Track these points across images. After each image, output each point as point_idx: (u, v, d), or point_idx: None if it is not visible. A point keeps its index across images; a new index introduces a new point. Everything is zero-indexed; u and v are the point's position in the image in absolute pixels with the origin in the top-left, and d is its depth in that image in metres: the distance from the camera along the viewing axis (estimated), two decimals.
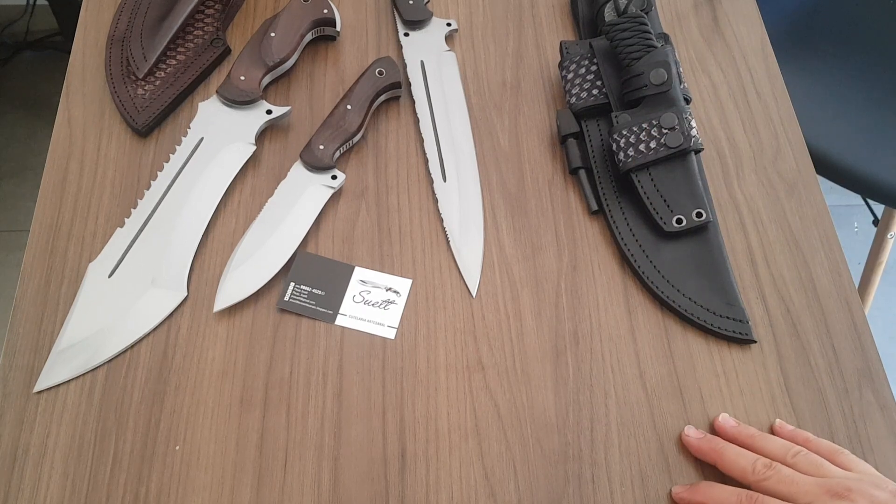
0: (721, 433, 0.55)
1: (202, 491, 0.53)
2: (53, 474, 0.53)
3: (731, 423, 0.55)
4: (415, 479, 0.54)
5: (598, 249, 0.64)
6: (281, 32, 0.69)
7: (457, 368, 0.58)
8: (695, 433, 0.55)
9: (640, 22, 0.67)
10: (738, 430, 0.54)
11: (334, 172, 0.64)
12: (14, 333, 0.58)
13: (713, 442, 0.53)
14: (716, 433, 0.55)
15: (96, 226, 0.63)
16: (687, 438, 0.55)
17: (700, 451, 0.54)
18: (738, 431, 0.54)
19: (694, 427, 0.55)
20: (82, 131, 0.68)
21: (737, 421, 0.55)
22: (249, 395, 0.56)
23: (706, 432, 0.55)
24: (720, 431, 0.55)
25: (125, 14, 0.72)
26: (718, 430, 0.55)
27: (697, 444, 0.54)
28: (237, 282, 0.60)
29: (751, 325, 0.60)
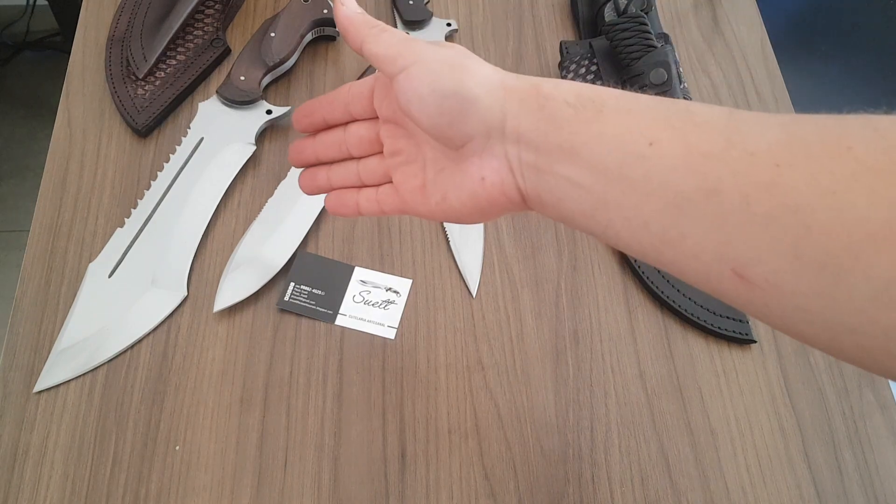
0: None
1: (202, 491, 0.53)
2: (53, 474, 0.53)
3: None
4: (415, 479, 0.54)
5: (598, 249, 0.64)
6: (281, 32, 0.69)
7: (457, 368, 0.58)
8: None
9: (640, 22, 0.67)
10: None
11: None
12: (14, 333, 0.58)
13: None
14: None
15: (96, 226, 0.63)
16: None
17: (352, 20, 0.41)
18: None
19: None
20: (82, 131, 0.67)
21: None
22: (249, 395, 0.56)
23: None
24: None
25: (125, 14, 0.72)
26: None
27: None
28: (237, 282, 0.60)
29: (751, 324, 0.60)
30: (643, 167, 0.32)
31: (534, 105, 0.35)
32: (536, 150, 0.35)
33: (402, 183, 0.43)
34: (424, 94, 0.36)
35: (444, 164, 0.39)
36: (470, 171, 0.38)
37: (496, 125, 0.36)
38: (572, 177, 0.34)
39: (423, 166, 0.41)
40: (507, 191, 0.37)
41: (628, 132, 0.33)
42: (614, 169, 0.33)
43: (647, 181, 0.32)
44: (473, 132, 0.37)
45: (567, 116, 0.34)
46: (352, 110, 0.44)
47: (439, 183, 0.40)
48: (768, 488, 0.54)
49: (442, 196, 0.40)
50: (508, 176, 0.37)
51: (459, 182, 0.39)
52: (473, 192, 0.38)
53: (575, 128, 0.34)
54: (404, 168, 0.42)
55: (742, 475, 0.55)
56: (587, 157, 0.33)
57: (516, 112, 0.36)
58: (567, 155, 0.34)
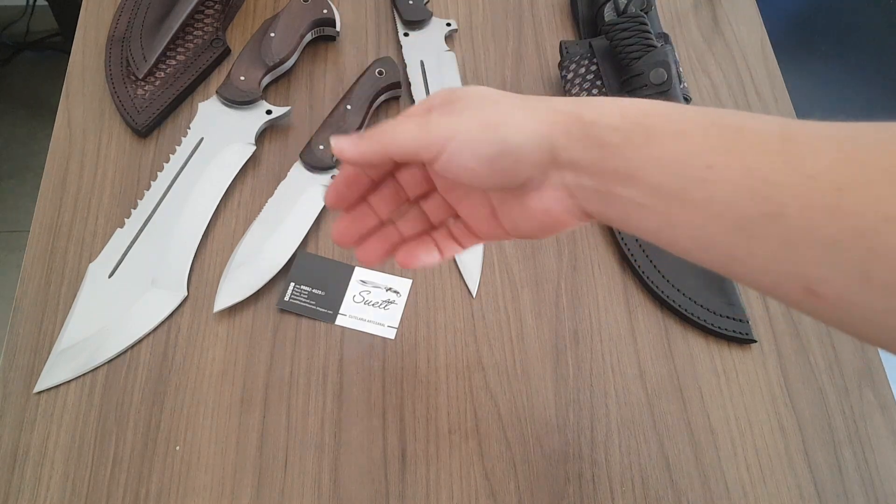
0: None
1: (202, 491, 0.53)
2: (53, 475, 0.53)
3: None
4: (415, 479, 0.54)
5: (598, 249, 0.64)
6: (281, 32, 0.69)
7: (457, 368, 0.58)
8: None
9: (639, 22, 0.67)
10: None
11: (334, 172, 0.64)
12: (14, 333, 0.58)
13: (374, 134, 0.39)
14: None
15: (96, 226, 0.63)
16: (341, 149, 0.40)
17: (364, 151, 0.39)
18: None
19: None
20: (82, 131, 0.67)
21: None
22: (249, 395, 0.56)
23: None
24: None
25: (125, 14, 0.72)
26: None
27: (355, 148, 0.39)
28: (237, 282, 0.60)
29: (751, 324, 0.60)
30: (704, 190, 0.32)
31: (579, 134, 0.35)
32: (592, 175, 0.35)
33: (471, 215, 0.43)
34: (471, 166, 0.36)
35: (506, 198, 0.40)
36: (533, 206, 0.38)
37: (548, 161, 0.36)
38: (634, 198, 0.34)
39: (484, 195, 0.41)
40: (573, 214, 0.38)
41: (684, 156, 0.33)
42: (675, 192, 0.33)
43: (711, 204, 0.32)
44: (529, 175, 0.37)
45: (616, 142, 0.34)
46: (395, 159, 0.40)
47: (506, 213, 0.40)
48: (768, 488, 0.54)
49: (513, 225, 0.41)
50: (571, 202, 0.37)
51: (525, 215, 0.39)
52: (542, 223, 0.39)
53: (627, 153, 0.34)
54: (467, 201, 0.42)
55: (742, 475, 0.55)
56: (646, 181, 0.33)
57: (565, 144, 0.36)
58: (624, 178, 0.34)
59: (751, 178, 0.30)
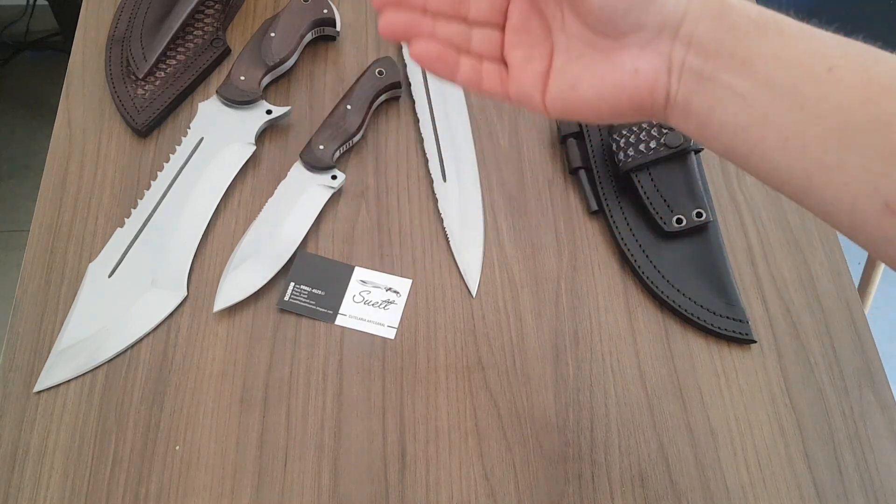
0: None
1: (202, 491, 0.53)
2: (53, 474, 0.53)
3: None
4: (415, 479, 0.54)
5: (598, 249, 0.64)
6: (281, 32, 0.69)
7: (457, 368, 0.58)
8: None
9: None
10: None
11: (334, 172, 0.64)
12: (14, 333, 0.58)
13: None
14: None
15: (96, 226, 0.63)
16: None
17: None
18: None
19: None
20: (82, 131, 0.67)
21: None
22: (249, 395, 0.56)
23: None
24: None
25: (125, 14, 0.72)
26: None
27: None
28: (237, 282, 0.60)
29: (751, 324, 0.60)
30: (819, 89, 0.32)
31: (717, 11, 0.35)
32: (706, 55, 0.34)
33: (521, 65, 0.39)
34: None
35: (584, 51, 0.37)
36: (622, 62, 0.36)
37: (672, 22, 0.35)
38: (738, 87, 0.34)
39: (550, 51, 0.38)
40: (656, 89, 0.36)
41: (808, 54, 0.33)
42: (787, 86, 0.32)
43: (820, 103, 0.32)
44: (648, 23, 0.35)
45: (748, 29, 0.34)
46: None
47: (571, 70, 0.37)
48: (768, 488, 0.54)
49: (572, 84, 0.37)
50: (664, 75, 0.36)
51: (603, 72, 0.37)
52: (619, 84, 0.36)
53: (754, 41, 0.34)
54: (528, 50, 0.39)
55: (742, 475, 0.55)
56: (760, 70, 0.33)
57: (698, 14, 0.35)
58: (739, 64, 0.34)
59: (869, 84, 0.31)
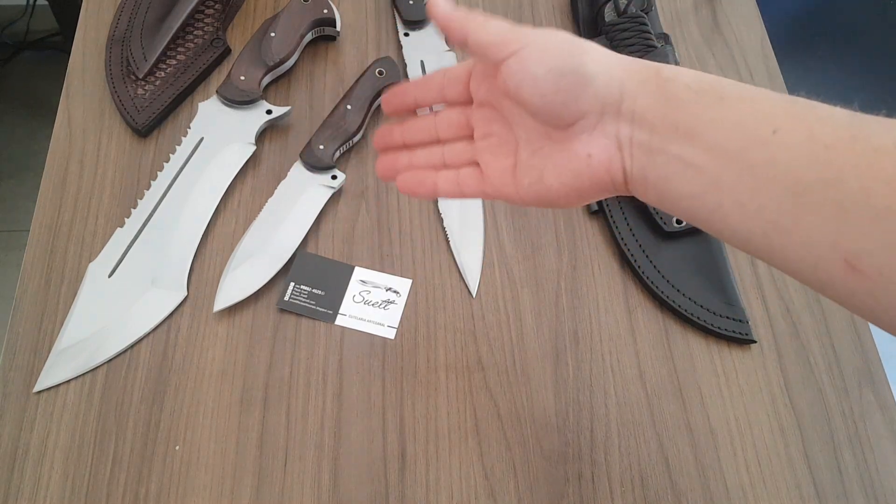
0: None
1: (202, 491, 0.53)
2: (53, 474, 0.53)
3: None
4: (415, 479, 0.54)
5: (598, 249, 0.64)
6: (281, 32, 0.69)
7: (457, 368, 0.58)
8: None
9: (640, 22, 0.67)
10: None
11: (334, 172, 0.64)
12: (14, 333, 0.58)
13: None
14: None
15: (96, 226, 0.63)
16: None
17: (450, 17, 0.40)
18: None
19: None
20: (82, 131, 0.68)
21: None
22: (249, 395, 0.56)
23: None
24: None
25: (125, 14, 0.72)
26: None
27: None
28: (237, 282, 0.60)
29: (751, 324, 0.60)
30: (765, 153, 0.32)
31: (653, 86, 0.35)
32: (651, 129, 0.35)
33: (491, 164, 0.42)
34: (539, 73, 0.36)
35: (543, 143, 0.39)
36: (575, 150, 0.38)
37: (612, 103, 0.36)
38: (687, 157, 0.34)
39: (515, 148, 0.41)
40: (612, 169, 0.37)
41: (752, 118, 0.33)
42: (734, 153, 0.33)
43: (769, 167, 0.32)
44: (588, 110, 0.37)
45: (688, 99, 0.34)
46: (446, 94, 0.44)
47: (535, 163, 0.40)
48: (768, 488, 0.54)
49: (538, 176, 0.40)
50: (616, 154, 0.37)
51: (561, 160, 0.38)
52: (577, 171, 0.38)
53: (695, 110, 0.34)
54: (494, 150, 0.42)
55: (742, 475, 0.55)
56: (707, 139, 0.34)
57: (634, 92, 0.36)
58: (684, 135, 0.34)
59: (814, 144, 0.31)
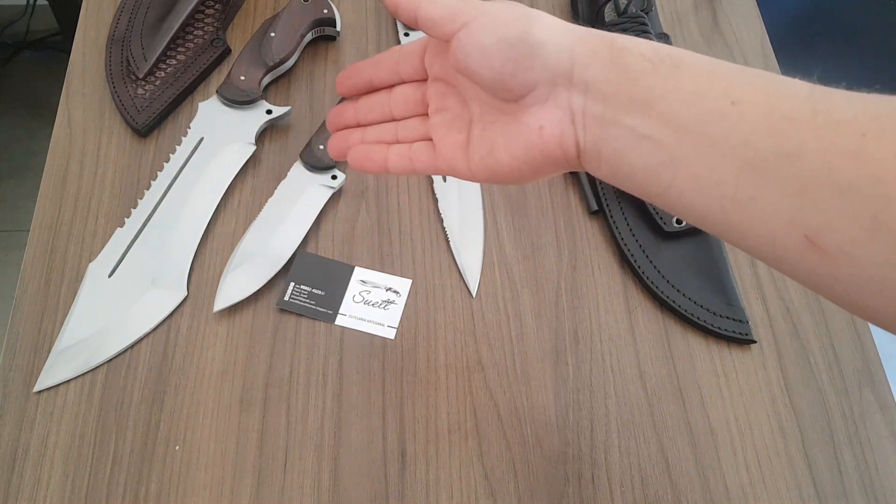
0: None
1: (202, 491, 0.53)
2: (53, 474, 0.53)
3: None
4: (415, 479, 0.54)
5: (598, 249, 0.64)
6: (281, 32, 0.69)
7: (457, 368, 0.58)
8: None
9: (640, 22, 0.67)
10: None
11: (334, 172, 0.64)
12: (14, 333, 0.58)
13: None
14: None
15: (96, 226, 0.63)
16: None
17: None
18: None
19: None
20: (82, 131, 0.67)
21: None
22: (249, 395, 0.56)
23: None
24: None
25: (125, 14, 0.72)
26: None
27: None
28: (237, 282, 0.60)
29: (751, 325, 0.60)
30: (723, 125, 0.31)
31: (606, 56, 0.34)
32: (605, 100, 0.34)
33: (444, 138, 0.41)
34: (488, 44, 0.36)
35: (496, 117, 0.38)
36: (527, 121, 0.37)
37: (563, 73, 0.35)
38: (641, 129, 0.33)
39: (468, 122, 0.40)
40: (564, 143, 0.36)
41: (709, 89, 0.32)
42: (691, 125, 0.32)
43: (726, 140, 0.31)
44: (538, 80, 0.36)
45: (643, 69, 0.33)
46: (401, 70, 0.43)
47: (487, 137, 0.39)
48: (768, 488, 0.54)
49: (489, 150, 0.39)
50: (569, 127, 0.36)
51: (513, 133, 0.37)
52: (528, 143, 0.37)
53: (651, 81, 0.33)
54: (448, 125, 0.41)
55: (742, 475, 0.55)
56: (662, 111, 0.33)
57: (586, 61, 0.35)
58: (639, 107, 0.33)
59: (773, 118, 0.30)
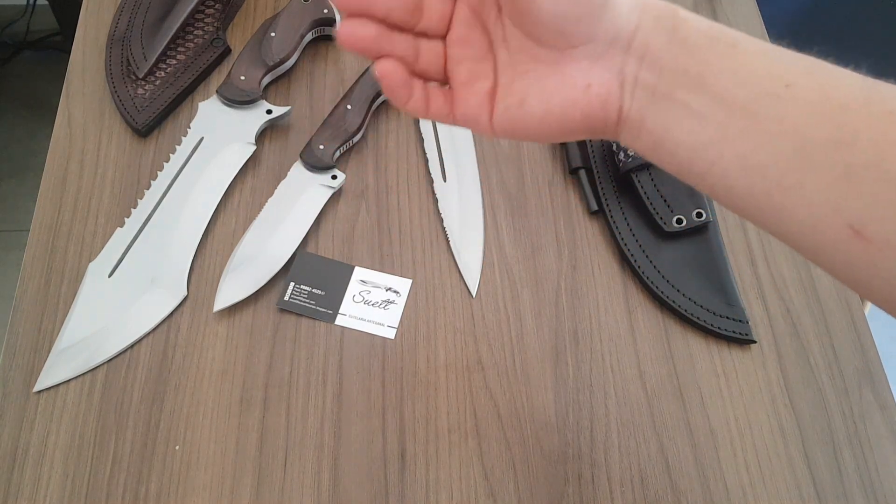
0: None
1: (202, 491, 0.53)
2: (53, 474, 0.53)
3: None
4: (415, 479, 0.54)
5: (598, 249, 0.64)
6: (281, 32, 0.69)
7: (457, 368, 0.58)
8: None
9: None
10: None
11: (334, 172, 0.64)
12: (14, 333, 0.58)
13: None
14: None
15: (96, 226, 0.63)
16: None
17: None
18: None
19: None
20: (82, 131, 0.67)
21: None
22: (249, 395, 0.56)
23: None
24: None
25: (125, 14, 0.72)
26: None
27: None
28: (237, 282, 0.60)
29: (751, 325, 0.60)
30: (776, 107, 0.31)
31: (669, 24, 0.33)
32: (660, 70, 0.33)
33: (467, 84, 0.37)
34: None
35: (530, 66, 0.35)
36: (573, 76, 0.34)
37: (625, 35, 0.34)
38: (693, 104, 0.33)
39: (493, 67, 0.36)
40: (608, 105, 0.34)
41: (764, 71, 0.32)
42: (744, 104, 0.32)
43: (779, 122, 0.31)
44: (599, 35, 0.33)
45: (701, 44, 0.33)
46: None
47: (519, 87, 0.35)
48: (768, 488, 0.54)
49: (519, 100, 0.35)
50: (617, 90, 0.34)
51: (552, 86, 0.35)
52: (570, 99, 0.34)
53: (707, 56, 0.32)
54: (472, 67, 0.37)
55: (742, 475, 0.55)
56: (716, 88, 0.32)
57: (650, 27, 0.33)
58: (693, 81, 0.33)
59: (828, 103, 0.30)
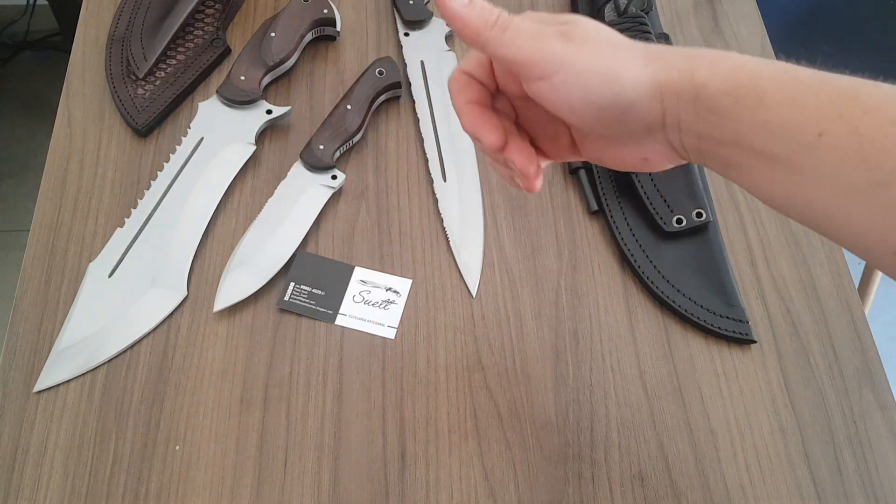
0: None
1: (202, 491, 0.53)
2: (53, 474, 0.53)
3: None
4: (415, 479, 0.54)
5: (598, 249, 0.64)
6: (281, 32, 0.69)
7: (457, 368, 0.58)
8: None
9: (640, 22, 0.67)
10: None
11: (334, 172, 0.64)
12: (14, 333, 0.58)
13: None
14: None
15: (96, 226, 0.63)
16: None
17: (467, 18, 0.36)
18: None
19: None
20: (82, 131, 0.67)
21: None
22: (249, 395, 0.56)
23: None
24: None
25: (125, 14, 0.72)
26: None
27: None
28: (237, 282, 0.60)
29: (751, 325, 0.60)
30: (812, 157, 0.32)
31: (690, 97, 0.35)
32: (698, 136, 0.35)
33: (547, 140, 0.42)
34: (577, 106, 0.36)
35: (598, 140, 0.40)
36: (630, 152, 0.39)
37: (655, 122, 0.36)
38: (735, 159, 0.35)
39: (566, 129, 0.41)
40: (669, 160, 0.39)
41: (794, 122, 0.32)
42: (781, 157, 0.33)
43: (817, 171, 0.32)
44: (633, 129, 0.37)
45: (726, 106, 0.34)
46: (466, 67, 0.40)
47: (593, 148, 0.40)
48: (768, 488, 0.54)
49: (597, 157, 0.41)
50: (672, 153, 0.38)
51: (617, 156, 0.40)
52: (636, 164, 0.39)
53: (737, 113, 0.34)
54: (549, 127, 0.41)
55: (742, 475, 0.55)
56: (753, 144, 0.33)
57: (674, 107, 0.35)
58: (730, 140, 0.34)
59: (863, 146, 0.30)
